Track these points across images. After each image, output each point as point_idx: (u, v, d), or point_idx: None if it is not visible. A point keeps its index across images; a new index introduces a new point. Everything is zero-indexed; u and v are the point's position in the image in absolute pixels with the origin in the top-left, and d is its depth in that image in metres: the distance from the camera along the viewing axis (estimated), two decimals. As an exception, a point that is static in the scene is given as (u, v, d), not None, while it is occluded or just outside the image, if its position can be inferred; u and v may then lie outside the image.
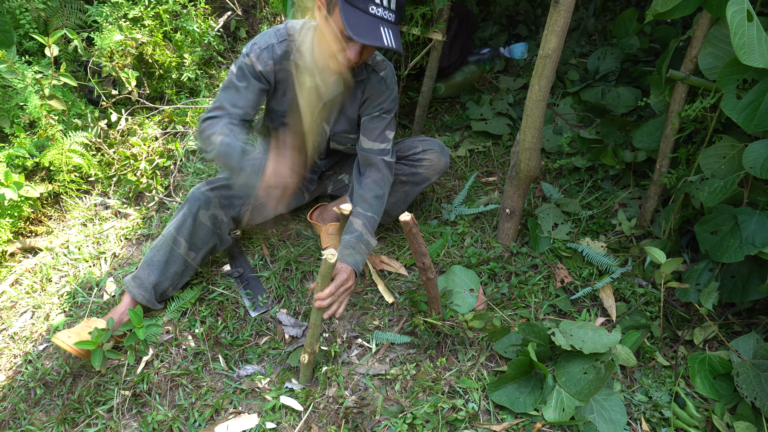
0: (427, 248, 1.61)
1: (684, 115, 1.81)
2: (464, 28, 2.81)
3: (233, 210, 1.97)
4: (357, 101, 1.83)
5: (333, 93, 1.77)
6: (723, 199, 1.66)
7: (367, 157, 1.85)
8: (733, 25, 1.38)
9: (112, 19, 2.68)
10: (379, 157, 1.84)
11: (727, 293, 1.75)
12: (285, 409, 1.64)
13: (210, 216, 1.89)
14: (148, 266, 1.84)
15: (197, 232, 1.87)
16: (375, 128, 1.83)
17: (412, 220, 1.47)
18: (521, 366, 1.63)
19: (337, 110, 1.86)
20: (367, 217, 1.77)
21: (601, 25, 3.13)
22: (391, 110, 1.85)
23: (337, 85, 1.76)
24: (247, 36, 3.30)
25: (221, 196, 1.90)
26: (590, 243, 2.10)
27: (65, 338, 1.64)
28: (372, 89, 1.81)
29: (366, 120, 1.85)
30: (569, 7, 1.49)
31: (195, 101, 2.88)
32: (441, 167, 2.03)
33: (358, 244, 1.72)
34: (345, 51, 1.53)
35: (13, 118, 2.38)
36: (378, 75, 1.80)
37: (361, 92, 1.82)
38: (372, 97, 1.82)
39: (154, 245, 1.87)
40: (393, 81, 1.83)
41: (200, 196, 1.86)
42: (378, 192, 1.83)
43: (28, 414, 1.68)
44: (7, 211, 2.12)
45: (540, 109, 1.69)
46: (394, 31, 1.51)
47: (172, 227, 1.86)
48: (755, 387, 1.57)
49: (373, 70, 1.79)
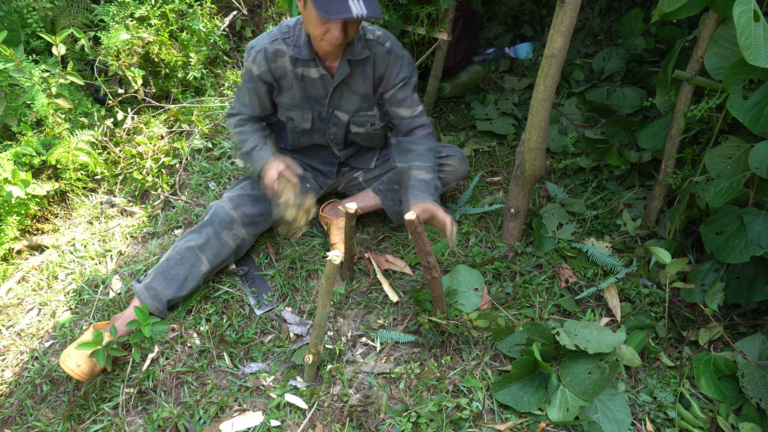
0: (431, 247, 1.62)
1: (690, 115, 1.81)
2: (469, 28, 2.81)
3: (256, 228, 2.01)
4: (369, 78, 1.85)
5: (340, 77, 1.80)
6: (728, 200, 1.66)
7: (410, 122, 1.91)
8: (740, 25, 1.38)
9: (118, 18, 2.69)
10: (422, 118, 1.91)
11: (733, 294, 1.74)
12: (290, 407, 1.65)
13: (233, 236, 1.94)
14: (165, 279, 1.84)
15: (220, 252, 1.91)
16: (405, 97, 1.88)
17: (417, 219, 1.48)
18: (525, 365, 1.64)
19: (348, 92, 1.87)
20: (428, 167, 1.83)
21: (607, 25, 3.12)
22: (412, 75, 1.89)
23: (342, 68, 1.78)
24: (253, 35, 3.31)
25: (244, 215, 1.94)
26: (595, 243, 2.10)
27: (74, 367, 1.62)
28: (382, 63, 1.83)
29: (393, 93, 1.88)
30: (575, 7, 1.49)
31: (200, 100, 2.89)
32: (461, 174, 2.10)
33: (429, 187, 1.76)
34: (329, 32, 1.60)
35: (21, 117, 2.40)
36: (384, 47, 1.82)
37: (371, 68, 1.84)
38: (387, 71, 1.85)
39: (171, 257, 1.86)
40: (400, 48, 1.86)
41: (225, 216, 1.90)
42: (430, 145, 1.89)
43: (34, 410, 1.69)
44: (14, 209, 2.13)
45: (545, 109, 1.69)
46: (366, 0, 1.53)
47: (193, 243, 1.87)
48: (760, 388, 1.56)
49: (377, 43, 1.81)
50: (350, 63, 1.80)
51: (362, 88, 1.86)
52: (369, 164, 2.15)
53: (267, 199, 1.98)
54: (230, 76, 3.07)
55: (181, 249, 1.86)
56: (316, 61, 1.77)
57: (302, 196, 1.77)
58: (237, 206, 1.93)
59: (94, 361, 1.64)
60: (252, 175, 2.04)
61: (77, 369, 1.62)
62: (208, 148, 2.65)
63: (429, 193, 1.74)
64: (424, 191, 1.74)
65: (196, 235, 1.89)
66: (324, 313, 1.53)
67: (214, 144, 2.67)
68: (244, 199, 1.95)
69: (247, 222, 1.95)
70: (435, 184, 1.80)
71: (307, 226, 1.81)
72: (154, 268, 1.87)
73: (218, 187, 2.43)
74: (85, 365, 1.63)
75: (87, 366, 1.64)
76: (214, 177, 2.49)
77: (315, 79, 1.82)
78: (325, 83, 1.84)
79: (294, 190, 1.76)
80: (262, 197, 1.98)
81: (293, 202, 1.76)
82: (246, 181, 2.04)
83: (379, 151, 2.17)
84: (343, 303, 1.96)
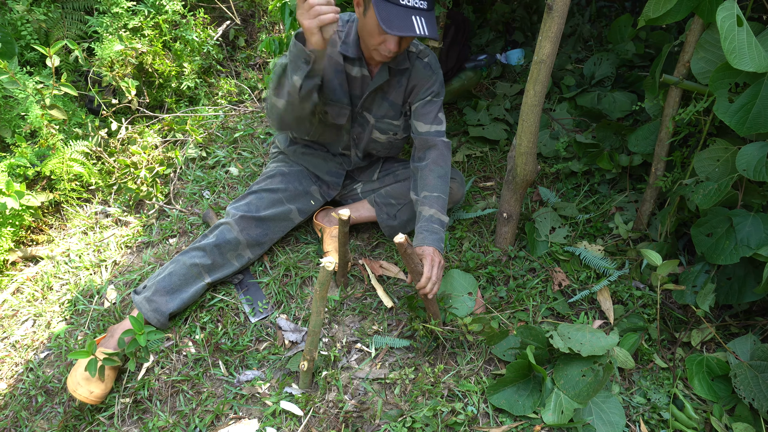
0: (422, 267, 1.63)
1: (678, 118, 1.83)
2: (461, 35, 2.84)
3: (261, 249, 2.03)
4: (402, 88, 1.88)
5: (378, 82, 1.83)
6: (718, 202, 1.68)
7: (426, 140, 1.91)
8: (724, 30, 1.41)
9: (112, 30, 2.70)
10: (438, 138, 1.91)
11: (724, 295, 1.76)
12: (285, 414, 1.65)
13: (237, 256, 1.96)
14: (168, 294, 1.84)
15: (225, 272, 1.95)
16: (428, 112, 1.90)
17: (406, 242, 1.49)
18: (520, 369, 1.64)
19: (381, 97, 1.90)
20: (433, 198, 1.82)
21: (597, 31, 3.16)
22: (440, 93, 1.92)
23: (382, 74, 1.81)
24: (246, 45, 3.33)
25: (250, 237, 1.96)
26: (587, 246, 2.11)
27: (88, 394, 1.62)
28: (418, 75, 1.87)
29: (419, 106, 1.90)
30: (563, 14, 1.51)
31: (194, 110, 2.91)
32: (457, 198, 2.13)
33: (431, 224, 1.77)
34: (384, 43, 1.62)
35: (15, 128, 2.41)
36: (423, 61, 1.86)
37: (406, 79, 1.87)
38: (420, 83, 1.88)
39: (175, 271, 1.86)
40: (437, 66, 1.90)
41: (232, 239, 1.92)
42: (440, 172, 1.88)
43: (29, 422, 1.69)
44: (9, 220, 2.14)
45: (535, 114, 1.71)
46: (427, 19, 1.56)
47: (198, 261, 1.88)
48: (753, 388, 1.57)
49: (417, 57, 1.86)
50: (390, 70, 1.83)
51: (394, 96, 1.89)
52: (371, 177, 2.17)
53: (271, 220, 2.00)
54: (224, 86, 3.09)
55: (185, 265, 1.87)
56: (361, 60, 1.80)
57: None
58: (243, 229, 1.95)
59: (103, 383, 1.65)
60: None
61: (91, 396, 1.62)
62: (203, 157, 2.66)
63: (433, 232, 1.75)
64: (426, 232, 1.75)
65: (201, 253, 1.90)
66: (318, 319, 1.54)
67: (209, 153, 2.68)
68: (250, 221, 1.96)
69: (252, 244, 1.98)
70: (439, 218, 1.80)
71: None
72: (154, 280, 1.86)
73: (213, 196, 2.44)
74: (97, 389, 1.63)
75: (100, 390, 1.64)
76: (208, 186, 2.50)
77: (355, 77, 1.85)
78: (363, 84, 1.86)
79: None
80: (267, 218, 1.99)
81: None
82: (251, 196, 2.03)
83: (382, 164, 2.18)
84: (338, 309, 1.96)
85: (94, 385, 1.63)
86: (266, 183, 2.06)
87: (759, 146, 1.56)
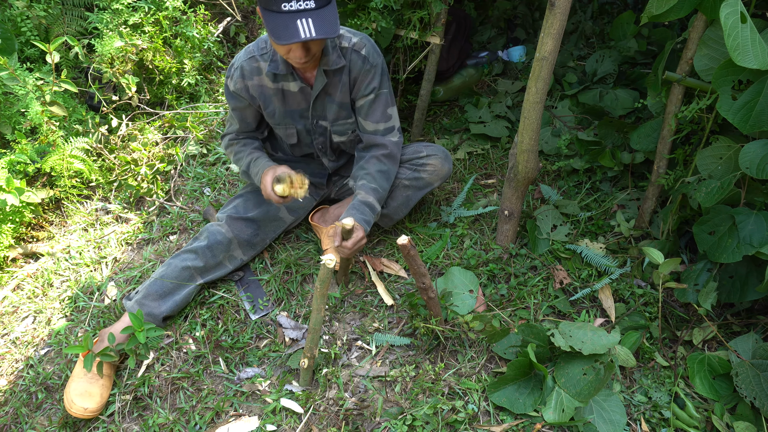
0: (426, 269, 1.62)
1: (681, 116, 1.82)
2: (462, 32, 2.82)
3: (254, 249, 2.03)
4: (346, 85, 1.81)
5: (318, 88, 1.79)
6: (720, 200, 1.67)
7: (372, 138, 1.86)
8: (727, 27, 1.39)
9: (112, 26, 2.69)
10: (386, 137, 1.86)
11: (726, 293, 1.75)
12: (285, 412, 1.65)
13: (230, 257, 1.97)
14: (160, 298, 1.83)
15: (218, 273, 1.96)
16: (375, 109, 1.84)
17: (409, 243, 1.48)
18: (521, 367, 1.64)
19: (328, 101, 1.86)
20: (369, 188, 1.80)
21: (599, 28, 3.14)
22: (383, 86, 1.83)
23: (319, 79, 1.77)
24: (247, 41, 3.32)
25: (241, 238, 1.96)
26: (589, 244, 2.11)
27: (82, 411, 1.61)
28: (357, 69, 1.79)
29: (364, 104, 1.84)
30: (565, 10, 1.50)
31: (195, 106, 2.90)
32: (444, 173, 2.05)
33: (362, 206, 1.76)
34: (290, 52, 1.57)
35: (15, 125, 2.40)
36: (359, 54, 1.77)
37: (346, 76, 1.80)
38: (360, 77, 1.80)
39: (166, 275, 1.86)
40: (375, 56, 1.80)
41: (223, 240, 1.93)
42: (381, 167, 1.84)
43: (29, 418, 1.69)
44: (9, 217, 2.13)
45: (537, 111, 1.70)
46: (316, 18, 1.47)
47: (190, 263, 1.88)
48: (754, 387, 1.57)
49: (353, 50, 1.77)
50: (326, 73, 1.77)
51: (340, 96, 1.83)
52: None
53: (260, 220, 2.00)
54: (224, 82, 3.08)
55: (177, 268, 1.87)
56: (294, 74, 1.76)
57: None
58: (233, 229, 1.95)
59: (98, 395, 1.65)
60: (249, 191, 2.08)
61: (86, 412, 1.62)
62: (203, 154, 2.66)
63: (362, 213, 1.76)
64: (354, 210, 1.76)
65: (193, 255, 1.89)
66: (319, 317, 1.54)
67: (209, 150, 2.68)
68: (239, 222, 1.96)
69: (244, 244, 1.98)
70: (372, 205, 1.80)
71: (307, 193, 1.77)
72: (146, 284, 1.85)
73: (213, 193, 2.43)
74: (91, 404, 1.63)
75: (94, 404, 1.63)
76: (209, 183, 2.49)
77: (295, 92, 1.81)
78: (306, 95, 1.83)
79: (296, 182, 1.72)
80: (256, 218, 1.99)
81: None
82: (238, 200, 2.04)
83: None
84: (339, 307, 1.96)
85: (88, 400, 1.63)
86: (252, 186, 2.06)
87: (762, 144, 1.55)
